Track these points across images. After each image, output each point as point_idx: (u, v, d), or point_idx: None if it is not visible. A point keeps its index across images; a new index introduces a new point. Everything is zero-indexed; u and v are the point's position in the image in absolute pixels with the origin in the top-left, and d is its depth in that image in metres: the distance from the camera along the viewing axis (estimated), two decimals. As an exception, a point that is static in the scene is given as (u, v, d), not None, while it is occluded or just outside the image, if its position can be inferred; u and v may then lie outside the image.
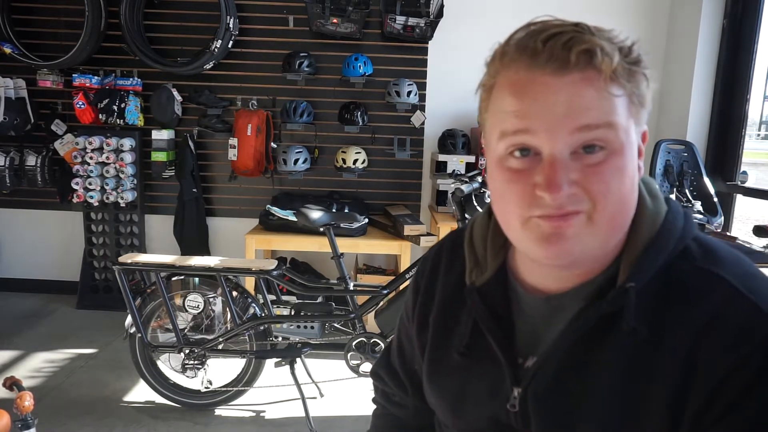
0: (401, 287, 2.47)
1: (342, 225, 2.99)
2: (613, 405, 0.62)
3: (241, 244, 3.34)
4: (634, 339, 0.60)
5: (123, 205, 3.63)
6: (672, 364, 0.59)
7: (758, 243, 2.15)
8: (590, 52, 0.56)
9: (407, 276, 2.44)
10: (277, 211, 3.22)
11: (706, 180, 3.04)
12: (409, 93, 3.41)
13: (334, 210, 3.30)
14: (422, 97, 3.61)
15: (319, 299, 3.05)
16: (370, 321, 2.58)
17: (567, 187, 0.57)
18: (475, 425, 0.74)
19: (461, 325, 0.76)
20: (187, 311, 2.38)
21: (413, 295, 0.86)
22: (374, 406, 1.00)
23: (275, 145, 3.62)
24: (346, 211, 3.35)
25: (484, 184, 2.40)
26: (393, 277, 2.51)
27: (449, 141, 3.43)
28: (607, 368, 0.62)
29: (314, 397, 2.56)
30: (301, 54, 3.43)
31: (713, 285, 0.60)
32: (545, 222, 0.59)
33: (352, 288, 2.44)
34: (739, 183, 3.10)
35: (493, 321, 0.71)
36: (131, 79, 3.56)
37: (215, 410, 2.48)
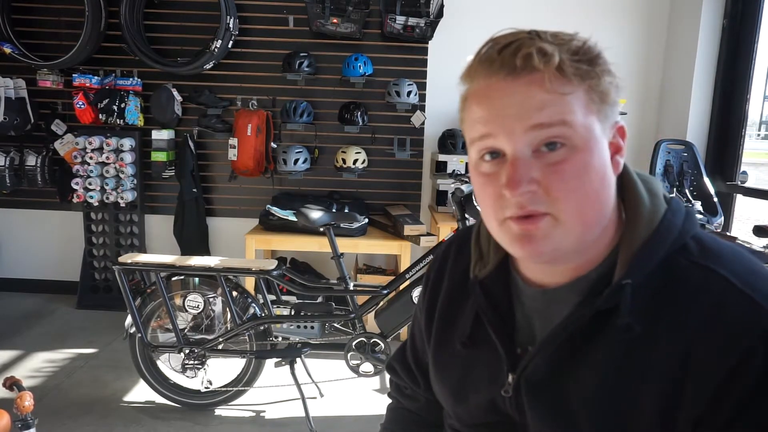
0: (401, 287, 2.47)
1: (342, 225, 2.99)
2: (603, 399, 0.63)
3: (241, 244, 3.34)
4: (628, 335, 0.61)
5: (123, 205, 3.63)
6: (667, 362, 0.59)
7: (758, 243, 2.15)
8: (530, 55, 0.59)
9: (407, 276, 2.44)
10: (277, 211, 3.22)
11: (706, 180, 3.04)
12: (409, 93, 3.41)
13: (334, 210, 3.30)
14: (422, 97, 3.61)
15: (319, 299, 3.05)
16: (370, 321, 2.58)
17: (526, 184, 0.59)
18: (475, 411, 0.77)
19: (465, 316, 0.79)
20: (187, 311, 2.38)
21: (424, 287, 0.90)
22: (389, 401, 1.02)
23: (275, 145, 3.62)
24: (346, 211, 3.35)
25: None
26: (393, 277, 2.51)
27: (449, 141, 3.43)
28: (600, 363, 0.63)
29: (314, 397, 2.56)
30: (301, 54, 3.43)
31: (709, 281, 0.60)
32: (514, 224, 0.62)
33: (352, 288, 2.44)
34: (739, 183, 3.10)
35: (494, 312, 0.74)
36: (131, 79, 3.56)
37: (215, 410, 2.48)
